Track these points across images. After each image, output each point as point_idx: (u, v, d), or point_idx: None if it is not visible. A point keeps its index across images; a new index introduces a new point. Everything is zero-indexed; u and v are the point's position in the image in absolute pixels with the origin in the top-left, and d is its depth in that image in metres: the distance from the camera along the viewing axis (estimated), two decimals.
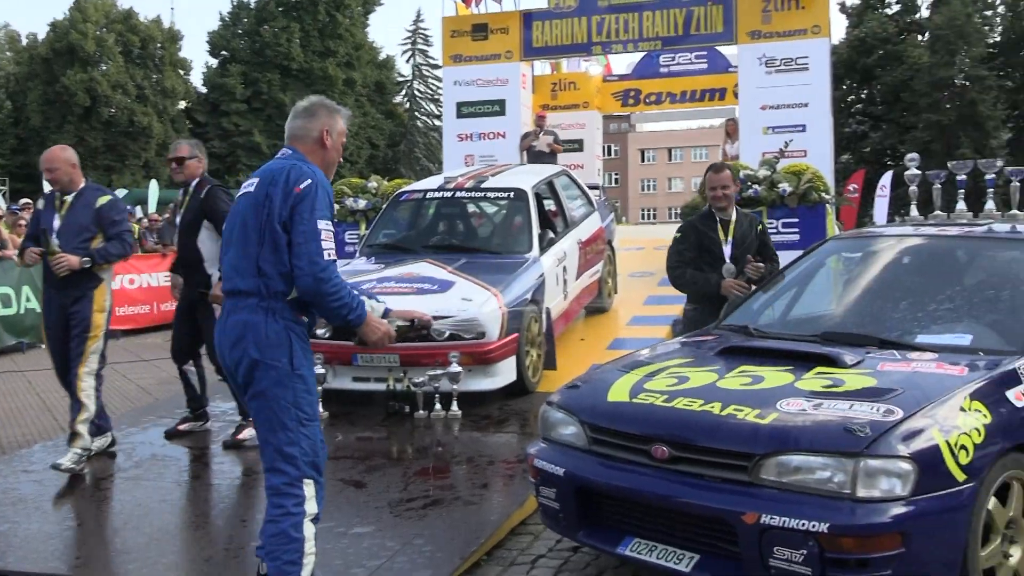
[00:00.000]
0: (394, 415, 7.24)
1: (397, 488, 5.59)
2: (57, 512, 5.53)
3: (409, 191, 9.63)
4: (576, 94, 19.30)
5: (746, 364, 4.37)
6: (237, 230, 3.86)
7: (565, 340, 8.98)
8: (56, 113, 49.71)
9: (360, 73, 56.65)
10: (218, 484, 6.04)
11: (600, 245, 10.13)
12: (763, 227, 6.69)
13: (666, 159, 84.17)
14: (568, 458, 4.27)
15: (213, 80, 54.71)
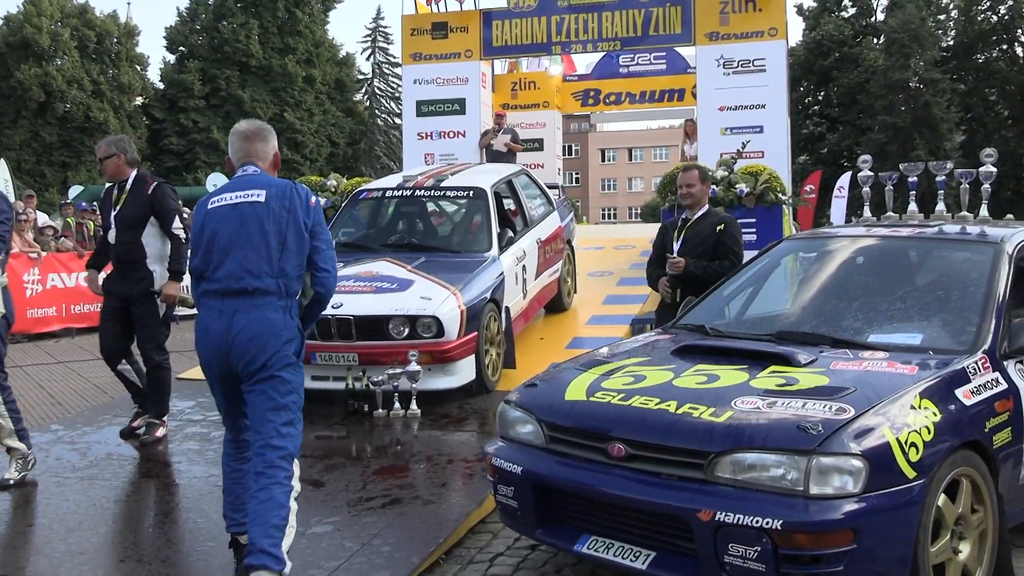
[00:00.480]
0: (353, 414, 7.22)
1: (356, 487, 5.58)
2: (9, 514, 5.45)
3: (368, 189, 9.61)
4: (536, 94, 19.36)
5: (702, 363, 4.41)
6: (249, 235, 4.16)
7: (524, 339, 8.99)
8: (10, 108, 48.93)
9: (320, 70, 56.32)
10: (175, 483, 5.99)
11: (559, 244, 10.15)
12: (725, 227, 6.66)
13: (627, 159, 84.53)
14: (526, 456, 4.29)
15: (171, 76, 54.13)
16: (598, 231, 19.43)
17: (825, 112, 46.09)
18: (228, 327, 4.12)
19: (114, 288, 6.80)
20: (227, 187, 4.34)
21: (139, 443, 6.69)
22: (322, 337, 7.27)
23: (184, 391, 8.19)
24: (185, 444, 6.71)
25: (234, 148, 4.41)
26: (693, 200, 6.77)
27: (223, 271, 4.15)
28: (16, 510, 5.50)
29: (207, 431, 6.96)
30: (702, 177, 6.86)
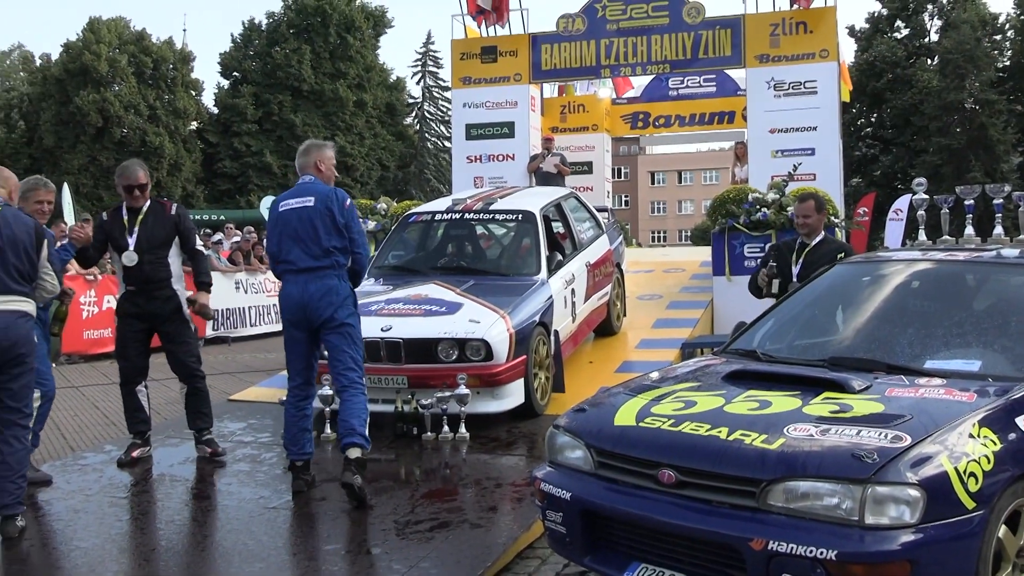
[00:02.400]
0: (402, 437, 7.24)
1: (404, 510, 5.58)
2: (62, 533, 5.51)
3: (418, 213, 9.65)
4: (585, 116, 19.34)
5: (753, 389, 4.35)
6: (306, 230, 5.83)
7: (573, 363, 8.96)
8: (69, 133, 50.06)
9: (371, 95, 56.95)
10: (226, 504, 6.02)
11: (609, 267, 10.13)
12: (846, 255, 6.74)
13: (676, 181, 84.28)
14: (575, 482, 4.25)
15: (225, 101, 55.06)
16: (647, 254, 19.31)
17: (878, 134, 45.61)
18: (303, 292, 5.83)
19: (138, 309, 6.81)
20: (290, 193, 6.02)
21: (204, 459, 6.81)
22: (371, 359, 7.29)
23: (236, 412, 8.27)
24: (235, 466, 6.76)
25: (297, 162, 6.17)
26: (809, 229, 7.17)
27: (293, 255, 5.85)
28: (68, 530, 5.56)
29: (257, 452, 7.00)
30: (818, 207, 7.19)
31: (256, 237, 18.89)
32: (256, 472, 6.49)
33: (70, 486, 6.35)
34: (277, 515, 5.61)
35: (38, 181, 6.46)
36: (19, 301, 5.28)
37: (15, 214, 5.39)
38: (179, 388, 7.14)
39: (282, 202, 6.02)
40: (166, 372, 6.99)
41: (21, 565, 5.00)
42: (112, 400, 10.47)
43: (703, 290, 12.20)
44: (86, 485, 6.35)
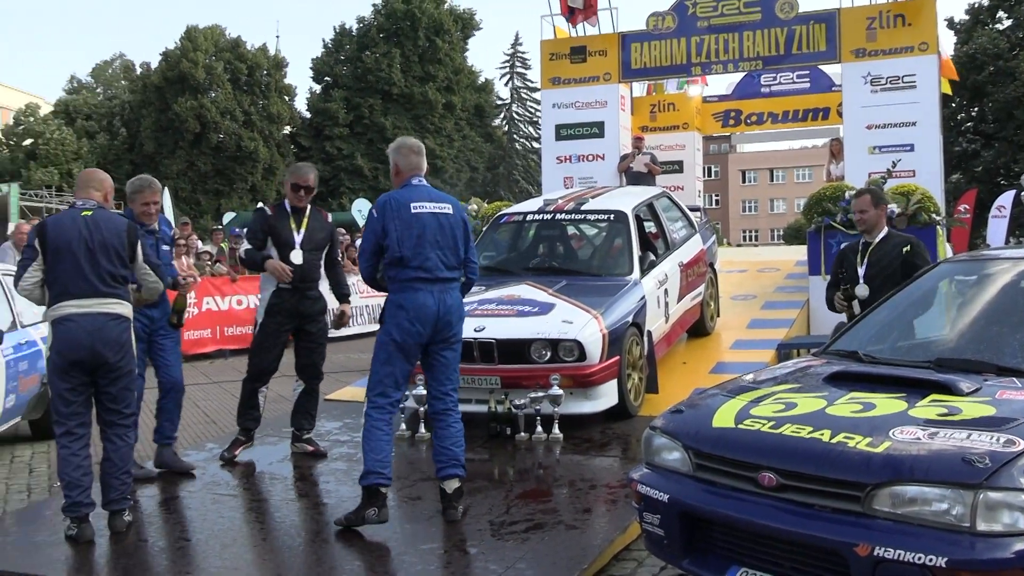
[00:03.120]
0: (495, 437, 7.27)
1: (499, 511, 5.60)
2: (167, 528, 5.67)
3: (509, 213, 9.69)
4: (675, 115, 19.18)
5: (856, 391, 4.26)
6: (446, 238, 5.49)
7: (667, 363, 8.90)
8: (168, 139, 51.53)
9: (459, 97, 57.36)
10: (325, 503, 6.12)
11: (702, 267, 10.03)
12: (912, 248, 6.65)
13: (768, 180, 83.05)
14: (672, 484, 4.21)
15: (317, 105, 56.02)
16: (741, 253, 19.06)
17: (979, 128, 44.20)
18: (439, 304, 5.41)
19: (290, 308, 6.90)
20: (420, 195, 5.55)
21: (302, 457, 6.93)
22: (465, 360, 7.31)
23: (332, 412, 8.40)
24: (333, 464, 6.87)
25: (406, 160, 5.64)
26: (867, 225, 6.88)
27: (430, 263, 5.42)
28: (174, 525, 5.72)
29: (353, 451, 7.09)
30: (874, 201, 6.89)
31: (349, 239, 19.16)
32: (352, 471, 6.56)
33: (174, 483, 6.52)
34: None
35: (143, 182, 6.62)
36: (111, 304, 5.36)
37: (107, 217, 5.48)
38: (293, 387, 7.22)
39: (414, 203, 5.49)
40: None
41: (128, 559, 5.15)
42: (212, 400, 10.74)
43: (798, 290, 12.00)
44: (189, 481, 6.52)
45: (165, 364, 6.71)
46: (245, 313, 15.60)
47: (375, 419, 5.39)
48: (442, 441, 5.53)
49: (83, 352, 5.26)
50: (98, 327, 5.29)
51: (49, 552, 5.21)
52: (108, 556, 5.16)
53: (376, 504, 5.28)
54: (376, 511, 5.27)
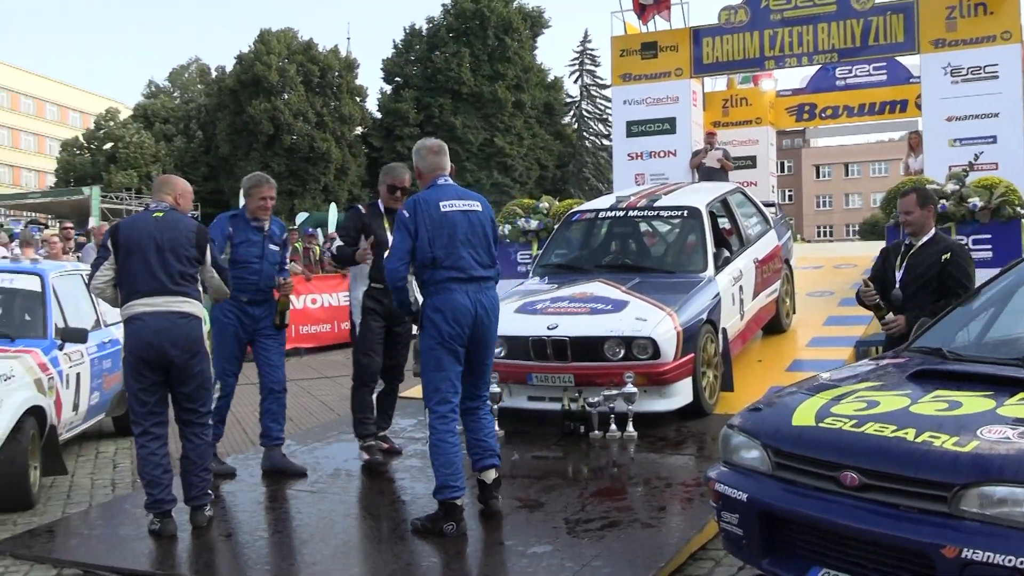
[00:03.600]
0: (569, 435, 7.24)
1: (574, 508, 5.58)
2: (246, 524, 5.76)
3: (581, 211, 9.65)
4: (748, 110, 18.99)
5: (941, 388, 4.16)
6: (478, 236, 5.40)
7: (742, 361, 8.79)
8: (243, 141, 52.39)
9: (529, 95, 57.38)
10: (400, 499, 6.17)
11: (777, 264, 9.90)
12: (952, 255, 6.08)
13: (843, 175, 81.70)
14: (751, 483, 4.16)
15: (387, 105, 56.49)
16: (816, 249, 18.77)
17: None
18: (474, 304, 5.29)
19: (382, 308, 6.77)
20: (448, 194, 5.43)
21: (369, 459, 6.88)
22: (538, 357, 7.36)
23: (405, 409, 8.44)
24: (408, 461, 6.91)
25: (427, 161, 5.52)
26: (913, 227, 6.27)
27: (464, 262, 5.30)
28: (252, 521, 5.81)
29: (428, 448, 7.12)
30: (921, 201, 6.25)
31: None
32: (427, 468, 6.54)
33: (253, 479, 6.63)
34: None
35: (261, 178, 6.78)
36: (179, 302, 5.45)
37: (177, 218, 5.59)
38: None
39: (443, 202, 5.36)
40: (340, 369, 7.23)
41: (209, 553, 5.25)
42: (290, 396, 10.88)
43: None
44: (267, 479, 6.61)
45: (269, 365, 6.76)
46: (320, 312, 15.82)
47: (441, 431, 5.27)
48: (476, 434, 5.49)
49: (151, 351, 5.37)
50: (166, 326, 5.38)
51: (133, 546, 5.34)
52: (190, 550, 5.27)
53: (454, 518, 5.21)
54: (454, 526, 5.19)
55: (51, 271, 7.71)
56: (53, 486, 6.89)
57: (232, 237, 6.60)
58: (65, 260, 10.98)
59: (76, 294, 7.99)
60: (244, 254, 6.61)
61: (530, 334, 7.39)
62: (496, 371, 7.25)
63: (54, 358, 6.96)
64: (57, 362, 6.99)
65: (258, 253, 6.65)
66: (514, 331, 7.46)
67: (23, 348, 6.77)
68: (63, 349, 7.09)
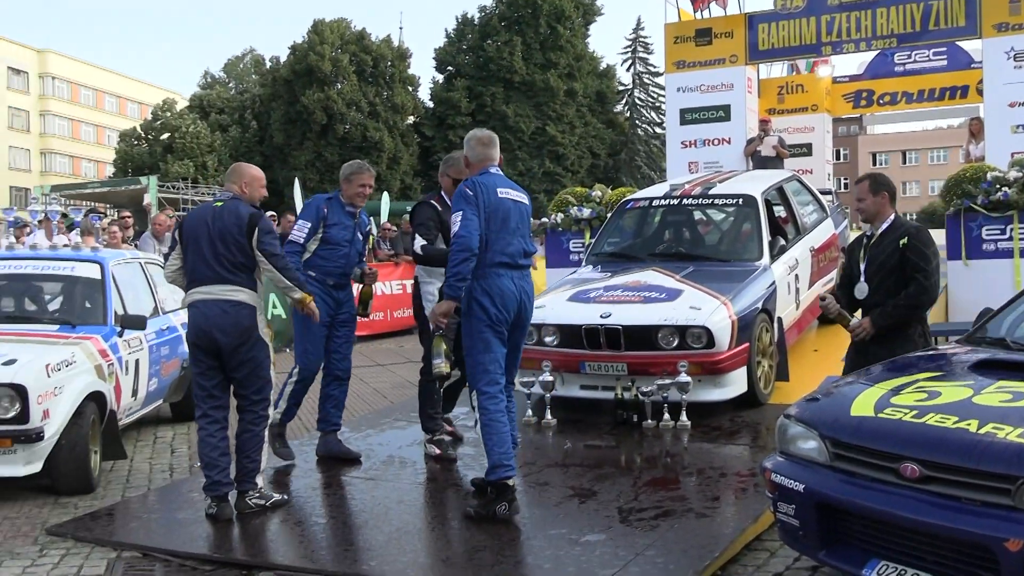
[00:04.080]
0: (622, 424, 7.23)
1: (628, 497, 5.57)
2: (301, 509, 5.81)
3: (635, 199, 9.60)
4: (804, 97, 18.70)
5: (1005, 379, 4.08)
6: (522, 227, 5.53)
7: (797, 351, 8.72)
8: (296, 131, 52.80)
9: (581, 83, 57.12)
10: (452, 486, 6.19)
11: (834, 252, 9.79)
12: (909, 240, 5.66)
13: (900, 162, 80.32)
14: (808, 473, 4.11)
15: (440, 95, 56.57)
16: None
17: None
18: (519, 291, 5.42)
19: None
20: (501, 182, 5.53)
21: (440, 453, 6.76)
22: (591, 346, 7.34)
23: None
24: (461, 449, 6.92)
25: (476, 152, 5.59)
26: (868, 215, 5.90)
27: (512, 248, 5.42)
28: (306, 507, 5.86)
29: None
30: (874, 188, 5.86)
31: None
32: (481, 456, 6.57)
33: (307, 464, 6.69)
34: None
35: (361, 166, 6.81)
36: (232, 291, 5.53)
37: (233, 207, 5.64)
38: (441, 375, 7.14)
39: (499, 189, 5.46)
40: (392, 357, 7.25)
41: (265, 539, 5.31)
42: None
43: None
44: (322, 464, 6.67)
45: (339, 352, 6.75)
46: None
47: (492, 411, 5.33)
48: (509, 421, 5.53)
49: (203, 337, 5.52)
50: (216, 313, 5.49)
51: (191, 529, 5.41)
52: (246, 535, 5.33)
53: (506, 498, 5.26)
54: (507, 505, 5.24)
55: (111, 259, 7.83)
56: (113, 470, 7.01)
57: (326, 218, 6.59)
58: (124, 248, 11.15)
59: (135, 282, 8.11)
60: (336, 235, 6.61)
61: (583, 322, 7.38)
62: (549, 359, 7.27)
63: (114, 345, 7.08)
64: (117, 349, 7.10)
65: (348, 237, 6.66)
66: (567, 319, 7.46)
67: (84, 335, 6.89)
68: (122, 336, 7.20)
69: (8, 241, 10.46)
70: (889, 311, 5.49)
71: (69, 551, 5.16)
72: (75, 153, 71.39)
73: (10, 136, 65.96)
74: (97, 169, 70.94)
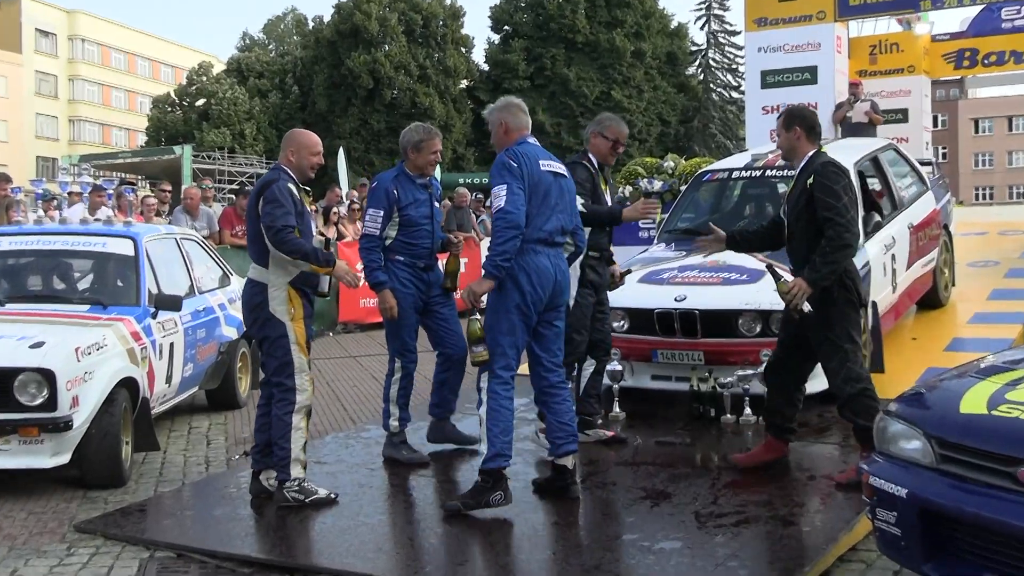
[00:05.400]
0: (698, 419, 7.17)
1: (705, 501, 5.50)
2: (351, 507, 5.80)
3: (713, 171, 9.49)
4: (899, 57, 18.30)
5: None
6: (566, 203, 5.58)
7: (894, 339, 8.57)
8: (341, 96, 53.12)
9: (650, 43, 56.69)
10: (514, 486, 6.13)
11: (935, 230, 9.62)
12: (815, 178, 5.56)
13: (1006, 129, 78.70)
14: (911, 477, 4.00)
15: (495, 57, 56.55)
16: (978, 213, 18.17)
17: None
18: (555, 269, 5.44)
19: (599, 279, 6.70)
20: (542, 154, 5.59)
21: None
22: (664, 332, 7.26)
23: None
24: (519, 444, 6.83)
25: (517, 118, 5.66)
26: (784, 154, 5.96)
27: (551, 225, 5.44)
28: (354, 504, 5.83)
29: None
30: (787, 122, 5.78)
31: None
32: (541, 452, 6.57)
33: (354, 459, 6.71)
34: (566, 499, 5.64)
35: (429, 130, 6.68)
36: (252, 269, 5.74)
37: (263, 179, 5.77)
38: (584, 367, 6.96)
39: (541, 161, 5.52)
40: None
41: (307, 540, 5.31)
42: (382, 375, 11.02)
43: None
44: (369, 459, 6.67)
45: (450, 331, 6.63)
46: None
47: (502, 396, 5.40)
48: (560, 416, 5.56)
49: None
50: (242, 293, 5.85)
51: (228, 527, 5.44)
52: (288, 534, 5.33)
53: (502, 487, 5.36)
54: (502, 495, 5.35)
55: (145, 234, 7.88)
56: (145, 462, 7.07)
57: (399, 200, 6.47)
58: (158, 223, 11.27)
59: (170, 259, 8.17)
60: (415, 215, 6.46)
61: (655, 306, 7.30)
62: (617, 347, 7.18)
63: (147, 327, 7.13)
64: (150, 331, 7.15)
65: (427, 213, 6.54)
66: (638, 303, 7.38)
67: (116, 316, 6.94)
68: (156, 317, 7.25)
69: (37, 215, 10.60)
70: (817, 265, 5.49)
71: (99, 549, 5.20)
72: (105, 121, 72.59)
73: (37, 103, 67.26)
74: (128, 138, 72.09)
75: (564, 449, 5.52)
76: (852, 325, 5.72)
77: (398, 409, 6.57)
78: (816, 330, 5.69)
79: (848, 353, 5.63)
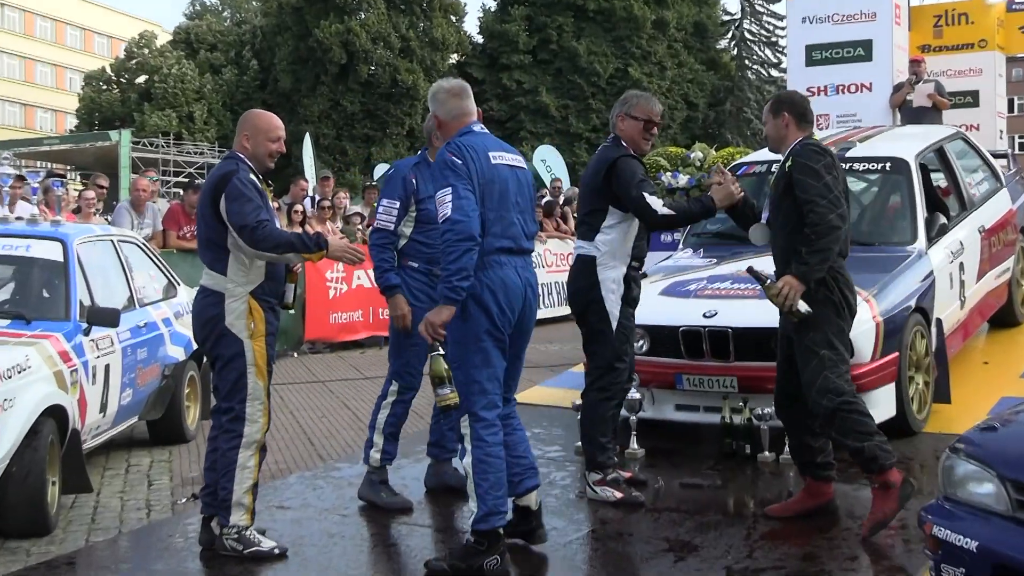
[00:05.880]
0: (731, 456, 7.21)
1: (740, 554, 5.53)
2: (318, 560, 5.80)
3: (749, 163, 9.56)
4: (969, 30, 18.42)
5: None
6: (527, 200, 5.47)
7: (962, 363, 8.66)
8: (308, 73, 53.22)
9: (674, 12, 56.95)
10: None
11: (1010, 234, 9.75)
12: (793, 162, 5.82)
13: None
14: (984, 526, 4.07)
15: (491, 27, 56.72)
16: None
17: None
18: (524, 283, 5.34)
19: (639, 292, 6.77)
20: (492, 144, 5.46)
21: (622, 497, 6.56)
22: (690, 354, 7.30)
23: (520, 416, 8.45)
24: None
25: (447, 107, 5.52)
26: (771, 144, 6.24)
27: (515, 229, 5.34)
28: (323, 557, 5.83)
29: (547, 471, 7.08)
30: (774, 109, 6.07)
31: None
32: (547, 495, 6.55)
33: (323, 503, 6.72)
34: (575, 553, 5.71)
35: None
36: (204, 275, 5.71)
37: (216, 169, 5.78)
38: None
39: (491, 153, 5.36)
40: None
41: None
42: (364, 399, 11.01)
43: None
44: (341, 503, 6.68)
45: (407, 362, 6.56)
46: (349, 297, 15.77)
47: (490, 444, 5.22)
48: (514, 449, 5.46)
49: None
50: (192, 304, 5.82)
51: None
52: None
53: (498, 551, 5.18)
54: (499, 560, 5.17)
55: (76, 236, 7.86)
56: (75, 507, 7.08)
57: (418, 192, 6.46)
58: (95, 223, 11.24)
59: (106, 265, 8.17)
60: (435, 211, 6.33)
61: (681, 323, 7.36)
62: (635, 372, 7.21)
63: (78, 345, 7.14)
64: (82, 350, 7.16)
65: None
66: (659, 319, 7.42)
67: (41, 332, 6.92)
68: (89, 335, 7.26)
69: None
70: (804, 256, 5.64)
71: None
72: (28, 100, 72.78)
73: None
74: (56, 120, 72.22)
75: (524, 486, 5.45)
76: (832, 329, 5.76)
77: (383, 440, 6.46)
78: (796, 335, 5.78)
79: (825, 360, 5.66)
